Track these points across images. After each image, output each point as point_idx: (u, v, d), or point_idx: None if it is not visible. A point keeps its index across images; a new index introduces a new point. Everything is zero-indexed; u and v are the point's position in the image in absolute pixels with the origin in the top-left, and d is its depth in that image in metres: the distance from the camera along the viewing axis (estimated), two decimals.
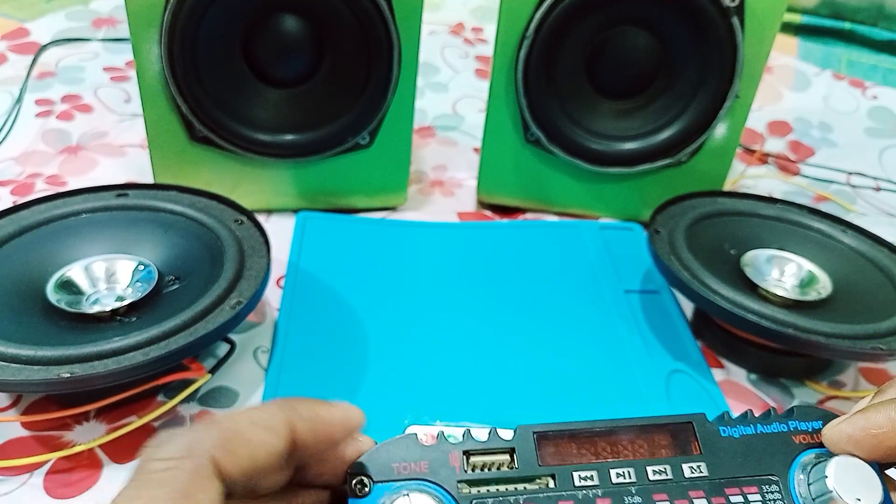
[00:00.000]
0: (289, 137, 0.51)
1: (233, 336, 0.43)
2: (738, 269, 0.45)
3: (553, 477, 0.23)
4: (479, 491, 0.22)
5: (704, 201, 0.51)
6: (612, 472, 0.23)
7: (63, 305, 0.39)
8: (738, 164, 0.67)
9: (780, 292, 0.44)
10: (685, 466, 0.23)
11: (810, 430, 0.24)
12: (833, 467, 0.22)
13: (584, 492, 0.22)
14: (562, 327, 0.46)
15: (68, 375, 0.32)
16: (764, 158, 0.69)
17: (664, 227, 0.47)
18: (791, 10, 0.84)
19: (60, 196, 0.44)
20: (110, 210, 0.44)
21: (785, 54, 0.82)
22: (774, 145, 0.71)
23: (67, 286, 0.40)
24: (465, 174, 0.62)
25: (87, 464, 0.35)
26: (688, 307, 0.49)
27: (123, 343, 0.34)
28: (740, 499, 0.23)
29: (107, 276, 0.41)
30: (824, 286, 0.45)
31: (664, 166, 0.54)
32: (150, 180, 0.52)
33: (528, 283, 0.50)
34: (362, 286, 0.48)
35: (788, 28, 0.85)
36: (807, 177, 0.67)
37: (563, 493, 0.22)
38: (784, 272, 0.47)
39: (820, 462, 0.23)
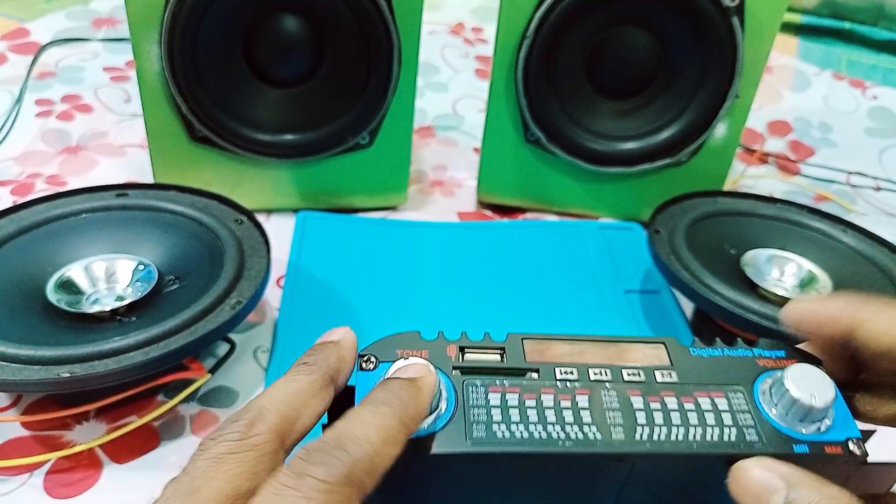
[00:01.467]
0: (289, 137, 0.51)
1: (233, 336, 0.43)
2: (738, 268, 0.45)
3: (537, 371, 0.25)
4: (469, 377, 0.25)
5: (704, 201, 0.51)
6: (591, 370, 0.25)
7: (63, 305, 0.39)
8: (738, 163, 0.67)
9: (780, 292, 0.44)
10: (657, 373, 0.25)
11: (773, 356, 0.26)
12: (790, 372, 0.24)
13: (564, 384, 0.25)
14: (562, 327, 0.46)
15: (68, 375, 0.32)
16: (764, 158, 0.69)
17: (664, 226, 0.47)
18: (791, 9, 0.84)
19: (60, 196, 0.44)
20: (110, 210, 0.44)
21: (785, 54, 0.82)
22: (774, 145, 0.71)
23: (67, 286, 0.40)
24: (465, 174, 0.62)
25: (87, 464, 0.35)
26: (688, 307, 0.49)
27: (123, 343, 0.34)
28: (708, 400, 0.25)
29: (107, 275, 0.41)
30: (824, 286, 0.45)
31: (664, 166, 0.54)
32: (150, 180, 0.52)
33: (528, 283, 0.50)
34: (362, 286, 0.48)
35: (788, 28, 0.85)
36: (807, 177, 0.67)
37: (546, 383, 0.25)
38: (784, 272, 0.47)
39: (780, 371, 0.25)
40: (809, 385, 0.24)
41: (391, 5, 0.47)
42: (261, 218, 0.46)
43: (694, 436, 0.24)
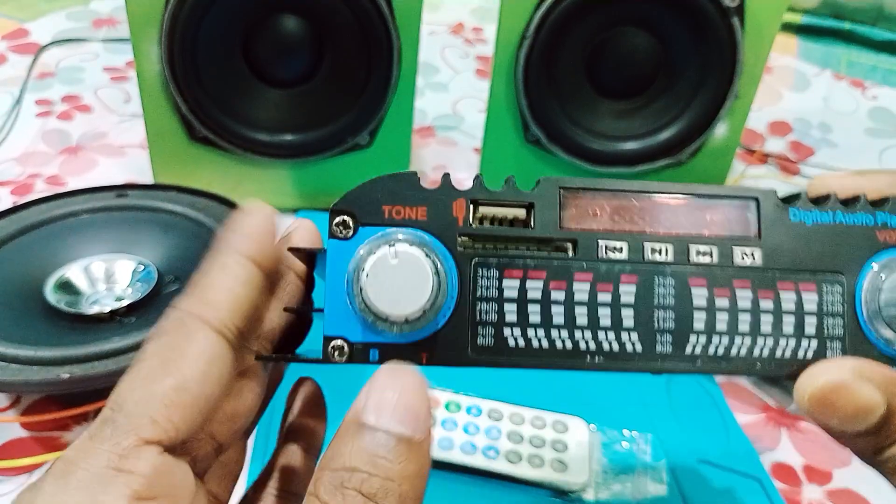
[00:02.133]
0: (289, 137, 0.51)
1: None
2: None
3: (574, 244, 0.19)
4: (481, 247, 0.19)
5: None
6: (647, 245, 0.19)
7: (62, 306, 0.39)
8: (738, 164, 0.67)
9: None
10: (737, 251, 0.19)
11: None
12: None
13: (608, 266, 0.19)
14: None
15: (68, 376, 0.32)
16: (764, 158, 0.69)
17: None
18: (791, 10, 0.84)
19: (60, 196, 0.44)
20: (110, 210, 0.44)
21: (785, 54, 0.82)
22: (774, 145, 0.71)
23: (67, 287, 0.40)
24: (465, 174, 0.62)
25: None
26: None
27: (123, 343, 0.34)
28: (792, 296, 0.19)
29: (106, 276, 0.41)
30: None
31: (664, 166, 0.54)
32: (149, 180, 0.52)
33: None
34: None
35: (788, 28, 0.85)
36: (807, 177, 0.67)
37: (583, 263, 0.19)
38: None
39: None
40: None
41: (391, 5, 0.47)
42: None
43: (760, 352, 0.19)
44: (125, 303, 0.39)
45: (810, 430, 0.42)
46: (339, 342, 0.18)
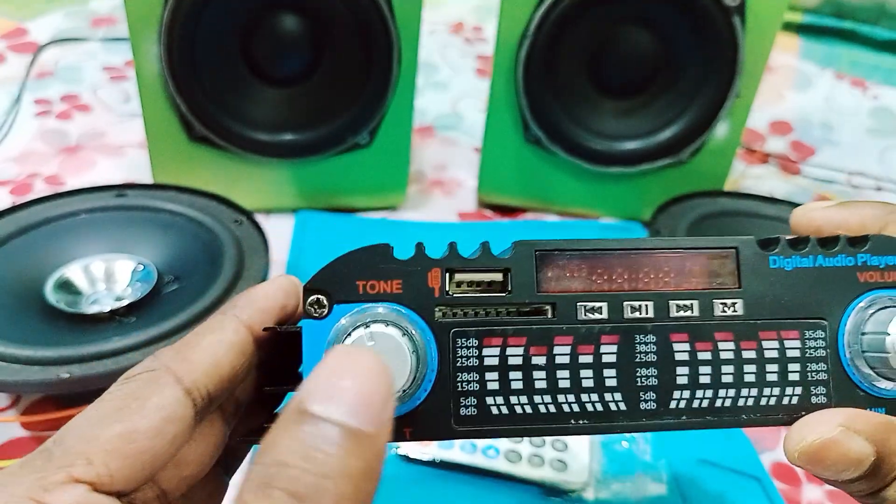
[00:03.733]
0: (288, 137, 0.50)
1: None
2: None
3: (553, 307, 0.19)
4: (459, 317, 0.18)
5: (706, 201, 0.51)
6: (626, 304, 0.19)
7: (62, 306, 0.38)
8: (739, 163, 0.67)
9: None
10: (717, 303, 0.19)
11: (882, 266, 0.19)
12: None
13: (588, 327, 0.18)
14: None
15: (67, 376, 0.32)
16: (765, 158, 0.69)
17: (665, 226, 0.47)
18: (792, 9, 0.84)
19: (59, 196, 0.44)
20: (109, 210, 0.44)
21: (786, 54, 0.82)
22: (775, 145, 0.71)
23: (66, 286, 0.40)
24: (465, 174, 0.62)
25: None
26: None
27: (122, 343, 0.34)
28: (775, 345, 0.19)
29: (106, 276, 0.41)
30: None
31: (665, 166, 0.54)
32: (148, 180, 0.51)
33: None
34: None
35: (790, 27, 0.85)
36: (808, 177, 0.67)
37: (563, 326, 0.18)
38: None
39: (885, 309, 0.19)
40: None
41: (391, 4, 0.46)
42: (260, 218, 0.46)
43: (745, 402, 0.19)
44: (125, 302, 0.38)
45: None
46: None
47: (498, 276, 0.19)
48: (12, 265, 0.40)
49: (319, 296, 0.18)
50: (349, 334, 0.17)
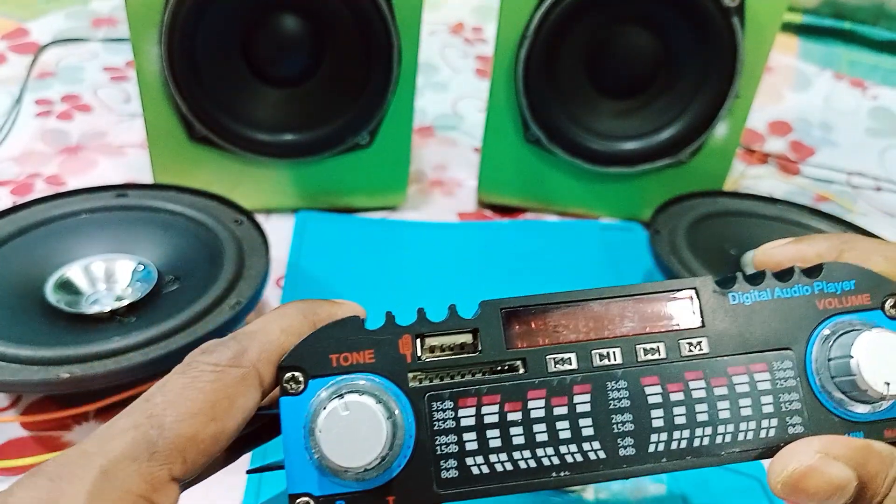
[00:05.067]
0: (288, 137, 0.51)
1: None
2: (738, 269, 0.45)
3: (523, 362, 0.19)
4: (433, 381, 0.19)
5: (705, 201, 0.51)
6: (594, 353, 0.19)
7: (62, 306, 0.39)
8: (738, 163, 0.67)
9: None
10: (683, 343, 0.19)
11: (839, 292, 0.20)
12: (862, 343, 0.18)
13: (560, 378, 0.19)
14: None
15: (68, 376, 0.32)
16: (764, 158, 0.69)
17: (665, 226, 0.47)
18: (792, 9, 0.84)
19: (60, 196, 0.44)
20: (110, 210, 0.44)
21: (785, 54, 0.82)
22: (775, 145, 0.71)
23: (67, 286, 0.40)
24: (465, 174, 0.62)
25: None
26: None
27: (123, 343, 0.34)
28: (745, 379, 0.19)
29: (106, 276, 0.41)
30: None
31: (665, 166, 0.54)
32: (149, 180, 0.52)
33: (528, 284, 0.50)
34: (362, 286, 0.48)
35: (789, 28, 0.85)
36: (807, 177, 0.67)
37: (534, 380, 0.19)
38: None
39: (847, 333, 0.19)
40: (885, 363, 0.18)
41: (391, 5, 0.47)
42: (260, 218, 0.46)
43: (723, 438, 0.19)
44: (125, 302, 0.39)
45: None
46: (304, 499, 0.18)
47: (468, 338, 0.19)
48: (13, 265, 0.40)
49: (295, 372, 0.18)
50: (325, 407, 0.18)
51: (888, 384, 0.18)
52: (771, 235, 0.49)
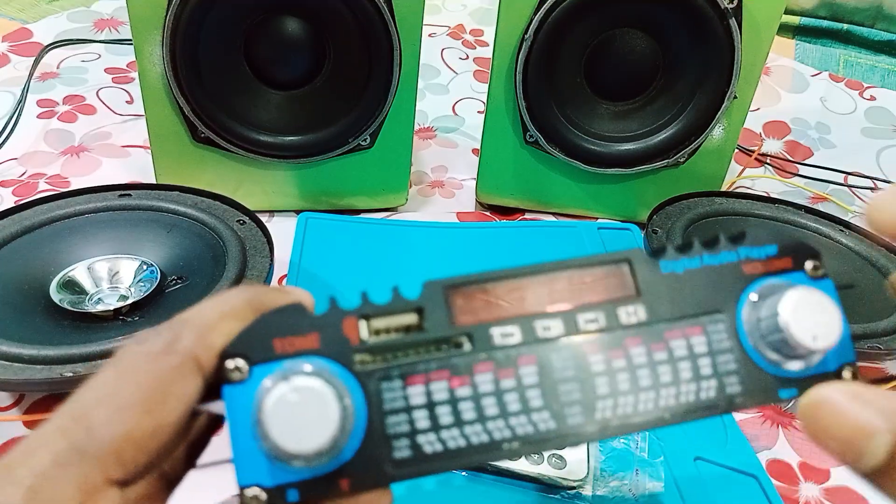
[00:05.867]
0: (291, 139, 0.51)
1: None
2: None
3: (469, 337, 0.19)
4: (380, 362, 0.18)
5: (702, 202, 0.51)
6: (538, 324, 0.19)
7: (66, 305, 0.39)
8: (735, 164, 0.68)
9: None
10: (621, 311, 0.20)
11: (763, 256, 0.21)
12: (787, 301, 0.19)
13: (505, 351, 0.19)
14: None
15: (71, 374, 0.32)
16: (762, 159, 0.69)
17: (662, 227, 0.48)
18: (789, 11, 0.84)
19: (63, 196, 0.44)
20: (113, 210, 0.44)
21: (783, 55, 0.82)
22: (772, 146, 0.72)
23: (70, 286, 0.40)
24: (464, 175, 0.62)
25: None
26: None
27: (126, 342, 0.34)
28: (682, 343, 0.20)
29: (110, 275, 0.42)
30: None
31: (662, 167, 0.54)
32: (152, 181, 0.52)
33: None
34: (363, 286, 0.48)
35: (786, 29, 0.86)
36: (804, 177, 0.67)
37: (480, 353, 0.19)
38: None
39: (773, 295, 0.20)
40: (811, 318, 0.19)
41: (392, 8, 0.47)
42: (263, 219, 0.46)
43: (666, 401, 0.19)
44: (129, 302, 0.39)
45: None
46: (254, 490, 0.18)
47: (412, 318, 0.19)
48: (17, 265, 0.40)
49: (237, 359, 0.18)
50: (271, 391, 0.17)
51: (815, 338, 0.19)
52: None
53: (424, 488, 0.35)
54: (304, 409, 0.17)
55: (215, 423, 0.20)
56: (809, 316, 0.19)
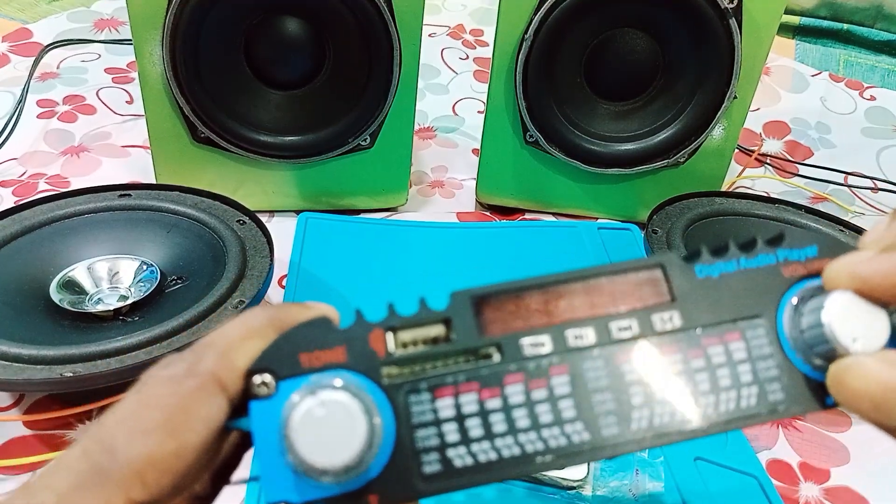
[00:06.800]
0: (291, 139, 0.51)
1: None
2: None
3: (498, 348, 0.19)
4: (407, 375, 0.18)
5: (702, 202, 0.51)
6: (569, 333, 0.19)
7: (66, 305, 0.39)
8: (735, 164, 0.68)
9: None
10: (655, 318, 0.19)
11: (803, 258, 0.20)
12: (832, 303, 0.18)
13: (536, 362, 0.18)
14: None
15: (71, 375, 0.32)
16: (762, 159, 0.69)
17: (662, 227, 0.48)
18: (789, 11, 0.84)
19: (63, 196, 0.45)
20: (113, 210, 0.44)
21: (783, 55, 0.82)
22: (772, 146, 0.72)
23: (70, 286, 0.40)
24: (464, 175, 0.62)
25: None
26: None
27: (126, 342, 0.34)
28: (720, 349, 0.19)
29: (110, 275, 0.42)
30: None
31: (662, 168, 0.54)
32: (152, 181, 0.52)
33: None
34: (363, 286, 0.49)
35: (786, 29, 0.86)
36: (804, 177, 0.67)
37: (511, 364, 0.18)
38: None
39: (815, 297, 0.19)
40: (852, 321, 0.18)
41: (392, 8, 0.47)
42: (263, 219, 0.46)
43: (705, 411, 0.19)
44: (129, 302, 0.39)
45: (807, 430, 0.42)
46: None
47: (440, 329, 0.19)
48: (17, 264, 0.40)
49: (264, 374, 0.18)
50: (298, 406, 0.17)
51: (855, 340, 0.18)
52: (768, 236, 0.49)
53: None
54: (331, 423, 0.17)
55: (246, 441, 0.20)
56: (855, 318, 0.18)
